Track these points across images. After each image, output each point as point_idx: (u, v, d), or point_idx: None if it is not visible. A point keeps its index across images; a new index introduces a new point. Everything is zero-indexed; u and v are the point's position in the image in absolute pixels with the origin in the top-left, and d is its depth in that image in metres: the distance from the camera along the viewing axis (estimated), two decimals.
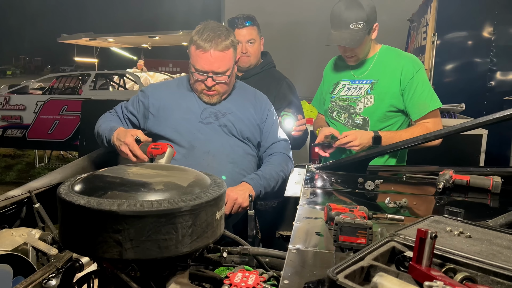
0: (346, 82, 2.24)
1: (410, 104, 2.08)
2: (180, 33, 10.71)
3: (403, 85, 2.07)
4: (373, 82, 2.13)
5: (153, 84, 2.18)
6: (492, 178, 1.57)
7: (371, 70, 2.16)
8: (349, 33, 1.99)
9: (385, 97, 2.10)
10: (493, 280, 0.77)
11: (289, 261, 0.99)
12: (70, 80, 8.33)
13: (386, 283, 0.70)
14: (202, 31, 1.82)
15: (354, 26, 1.97)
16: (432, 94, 2.08)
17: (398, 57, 2.14)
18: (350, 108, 2.19)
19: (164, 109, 1.95)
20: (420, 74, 2.07)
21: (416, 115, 2.07)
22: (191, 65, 1.87)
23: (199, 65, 1.83)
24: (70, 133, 7.27)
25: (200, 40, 1.80)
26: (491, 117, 1.58)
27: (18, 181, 6.73)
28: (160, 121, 1.94)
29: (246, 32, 2.47)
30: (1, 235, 1.28)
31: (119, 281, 0.93)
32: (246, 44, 2.48)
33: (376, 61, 2.16)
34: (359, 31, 1.98)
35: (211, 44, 1.79)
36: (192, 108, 1.94)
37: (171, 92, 2.01)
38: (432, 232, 0.74)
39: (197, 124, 1.90)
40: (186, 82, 2.03)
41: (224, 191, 0.98)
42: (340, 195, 1.62)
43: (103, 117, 2.04)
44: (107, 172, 1.00)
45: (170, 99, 1.98)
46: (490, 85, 4.60)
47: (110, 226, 0.81)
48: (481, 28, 4.69)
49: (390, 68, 2.11)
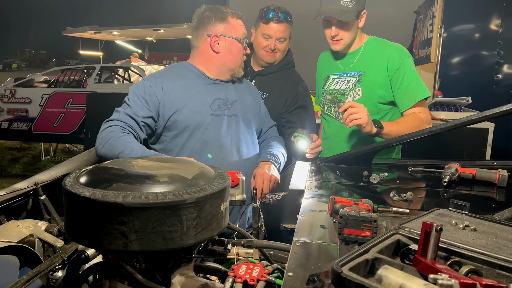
0: (335, 75, 2.22)
1: (397, 94, 2.06)
2: (185, 26, 10.67)
3: (390, 75, 2.05)
4: (360, 74, 2.11)
5: (152, 78, 1.92)
6: (498, 172, 1.56)
7: (357, 62, 2.14)
8: (339, 8, 1.98)
9: (373, 89, 2.08)
10: (498, 273, 0.77)
11: (294, 253, 0.99)
12: (75, 73, 8.35)
13: (391, 276, 0.69)
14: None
15: (344, 3, 1.97)
16: (420, 84, 2.05)
17: (384, 47, 2.11)
18: (339, 101, 2.17)
19: (175, 103, 1.86)
20: (407, 63, 2.04)
21: (404, 106, 2.04)
22: (239, 39, 1.93)
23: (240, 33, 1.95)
24: (75, 126, 7.30)
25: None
26: (497, 110, 1.57)
27: (24, 173, 6.78)
28: (172, 116, 1.86)
29: (280, 28, 2.30)
30: (8, 227, 1.29)
31: (124, 272, 0.94)
32: (277, 41, 2.31)
33: (363, 52, 2.14)
34: (349, 9, 1.97)
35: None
36: (202, 100, 1.90)
37: (175, 83, 1.91)
38: (437, 225, 0.74)
39: (209, 117, 1.88)
40: (186, 70, 1.97)
41: (229, 184, 0.98)
42: (345, 188, 1.62)
43: (115, 139, 1.70)
44: (112, 164, 1.00)
45: (178, 92, 1.88)
46: (497, 78, 4.56)
47: (115, 218, 0.81)
48: (488, 20, 4.65)
49: (377, 59, 2.09)
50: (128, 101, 1.84)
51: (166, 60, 18.34)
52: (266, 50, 2.32)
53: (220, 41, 1.90)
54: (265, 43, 2.32)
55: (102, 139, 1.71)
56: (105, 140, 1.70)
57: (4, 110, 7.54)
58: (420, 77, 2.08)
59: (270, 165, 1.91)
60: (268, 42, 2.31)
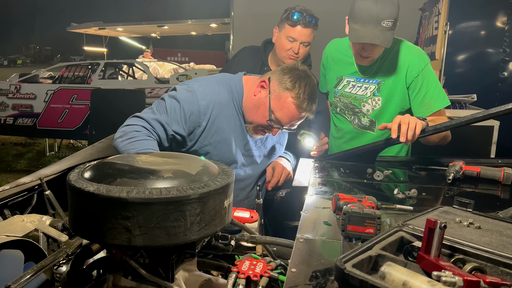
0: (351, 78, 2.09)
1: (414, 102, 1.96)
2: (189, 22, 10.68)
3: (408, 83, 1.95)
4: (380, 82, 2.00)
5: (205, 98, 1.71)
6: (503, 170, 1.56)
7: (377, 69, 2.00)
8: (380, 30, 1.78)
9: (393, 99, 2.00)
10: (502, 271, 0.77)
11: (297, 250, 0.99)
12: (80, 69, 8.36)
13: (394, 273, 0.69)
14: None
15: (386, 24, 1.77)
16: (439, 93, 1.94)
17: (404, 53, 1.98)
18: (354, 107, 2.09)
19: (216, 133, 1.73)
20: (426, 70, 1.94)
21: (421, 115, 1.85)
22: (272, 110, 1.67)
23: (284, 119, 1.70)
24: (79, 122, 7.32)
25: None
26: (503, 108, 1.56)
27: (29, 169, 6.80)
28: (205, 147, 1.75)
29: (306, 32, 2.22)
30: (13, 221, 1.30)
31: (128, 267, 0.94)
32: (301, 44, 2.23)
33: (383, 58, 1.99)
34: (390, 29, 1.79)
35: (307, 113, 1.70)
36: (239, 137, 1.79)
37: (224, 112, 1.75)
38: (441, 222, 0.74)
39: (240, 157, 1.81)
40: (231, 100, 1.76)
41: (232, 180, 0.98)
42: (348, 185, 1.62)
43: (138, 140, 1.58)
44: (117, 159, 1.00)
45: (224, 123, 1.74)
46: (502, 75, 4.53)
47: (119, 213, 0.82)
48: (494, 17, 4.61)
49: (396, 66, 1.97)
50: (166, 106, 1.69)
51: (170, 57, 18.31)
52: (289, 53, 2.24)
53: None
54: (288, 46, 2.23)
55: (124, 133, 1.61)
56: (127, 136, 1.60)
57: (9, 106, 7.56)
58: (439, 84, 1.98)
59: (288, 161, 1.96)
60: (292, 45, 2.22)
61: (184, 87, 1.75)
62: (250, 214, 1.49)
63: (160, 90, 7.18)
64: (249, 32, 4.36)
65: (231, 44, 4.90)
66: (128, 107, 6.39)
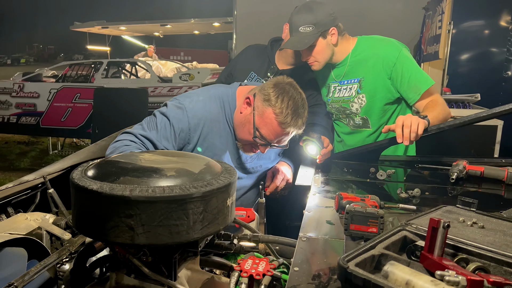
0: (335, 84, 2.17)
1: (402, 90, 2.00)
2: (192, 21, 10.67)
3: (388, 74, 1.99)
4: (360, 80, 2.06)
5: (195, 116, 1.71)
6: (507, 169, 1.55)
7: (349, 70, 2.08)
8: (298, 36, 1.98)
9: (376, 93, 2.04)
10: (506, 270, 0.76)
11: (300, 248, 0.99)
12: (83, 68, 8.37)
13: (397, 272, 0.69)
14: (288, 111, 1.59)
15: (303, 30, 1.97)
16: (421, 74, 2.00)
17: (374, 46, 2.05)
18: (345, 109, 2.14)
19: (208, 149, 1.72)
20: (402, 56, 1.97)
21: (412, 99, 1.99)
22: (257, 127, 1.62)
23: (269, 135, 1.63)
24: (82, 121, 7.33)
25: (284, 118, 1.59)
26: (507, 107, 1.56)
27: (32, 167, 6.82)
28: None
29: None
30: (16, 219, 1.31)
31: (130, 265, 0.94)
32: None
33: (352, 59, 2.07)
34: (308, 34, 1.96)
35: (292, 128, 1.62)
36: (232, 152, 1.78)
37: (216, 128, 1.74)
38: (445, 221, 0.74)
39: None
40: (223, 116, 1.75)
41: (235, 179, 0.98)
42: (351, 184, 1.61)
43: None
44: (120, 158, 1.00)
45: (216, 139, 1.74)
46: (506, 75, 4.52)
47: (122, 211, 0.82)
48: (498, 17, 4.59)
49: (371, 61, 2.03)
50: (157, 122, 1.68)
51: (172, 56, 18.34)
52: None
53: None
54: None
55: (115, 149, 1.62)
56: (118, 151, 1.59)
57: (12, 105, 7.59)
58: (418, 66, 2.03)
59: (289, 168, 1.93)
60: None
61: (175, 103, 1.73)
62: (247, 213, 1.49)
63: (163, 89, 7.19)
64: (252, 31, 4.36)
65: (234, 43, 4.90)
66: (131, 105, 6.40)
